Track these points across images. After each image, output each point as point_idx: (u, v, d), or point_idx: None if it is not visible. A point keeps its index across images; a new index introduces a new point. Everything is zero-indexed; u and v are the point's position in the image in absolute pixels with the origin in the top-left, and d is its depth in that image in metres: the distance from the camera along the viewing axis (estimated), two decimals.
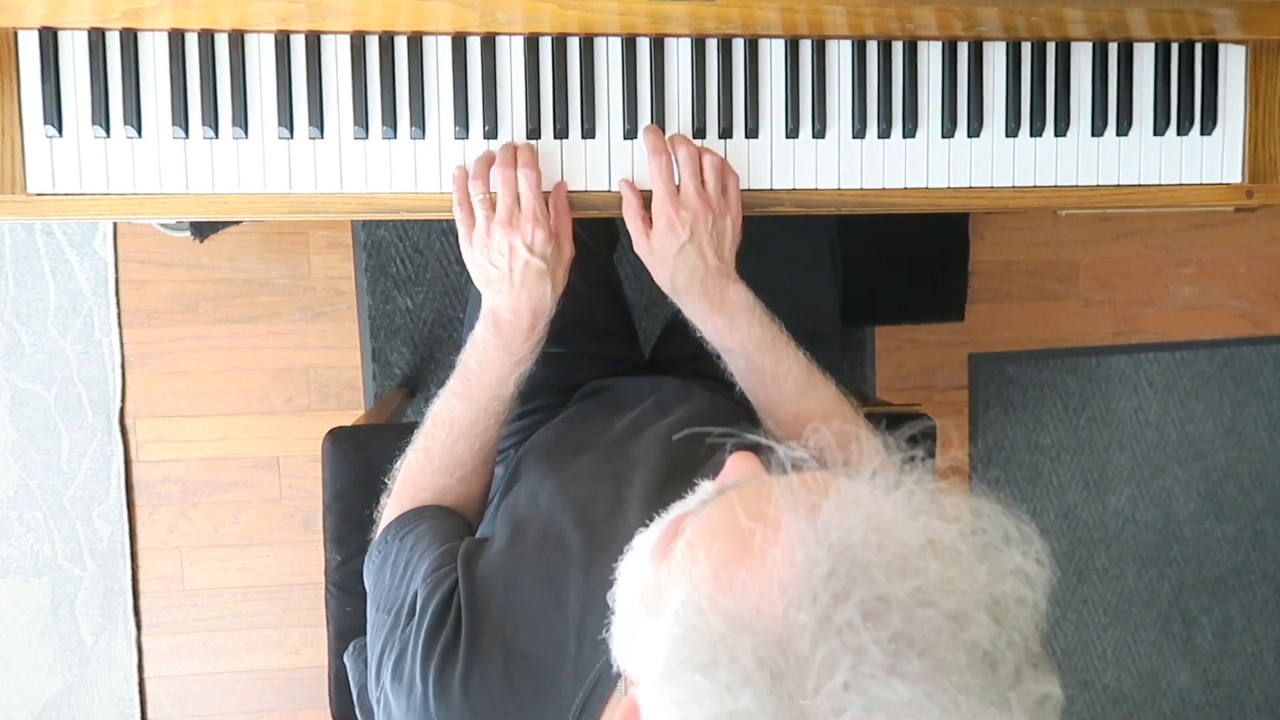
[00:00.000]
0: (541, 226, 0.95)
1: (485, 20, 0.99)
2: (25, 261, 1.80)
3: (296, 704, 1.93)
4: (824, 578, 0.46)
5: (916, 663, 0.44)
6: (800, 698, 0.45)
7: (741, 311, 0.98)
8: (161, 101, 0.99)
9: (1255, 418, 2.16)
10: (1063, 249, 2.06)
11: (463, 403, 0.97)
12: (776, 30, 1.03)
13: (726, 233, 0.98)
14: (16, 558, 1.86)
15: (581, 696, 0.72)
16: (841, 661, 0.44)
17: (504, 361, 0.96)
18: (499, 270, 0.96)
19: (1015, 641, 0.47)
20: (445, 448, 0.97)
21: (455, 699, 0.74)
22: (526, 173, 0.96)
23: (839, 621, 0.45)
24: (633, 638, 0.55)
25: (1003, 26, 1.05)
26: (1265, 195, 1.11)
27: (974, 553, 0.48)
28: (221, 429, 1.87)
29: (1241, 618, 2.20)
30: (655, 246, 0.97)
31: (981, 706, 0.45)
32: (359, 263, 1.85)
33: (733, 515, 0.52)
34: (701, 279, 0.97)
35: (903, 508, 0.49)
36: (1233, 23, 1.07)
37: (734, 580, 0.49)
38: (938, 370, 2.03)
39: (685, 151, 0.98)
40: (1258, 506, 2.18)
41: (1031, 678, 0.47)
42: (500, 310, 0.96)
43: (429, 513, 0.95)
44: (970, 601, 0.47)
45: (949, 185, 1.08)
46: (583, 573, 0.79)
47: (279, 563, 1.90)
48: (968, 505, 0.50)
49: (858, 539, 0.47)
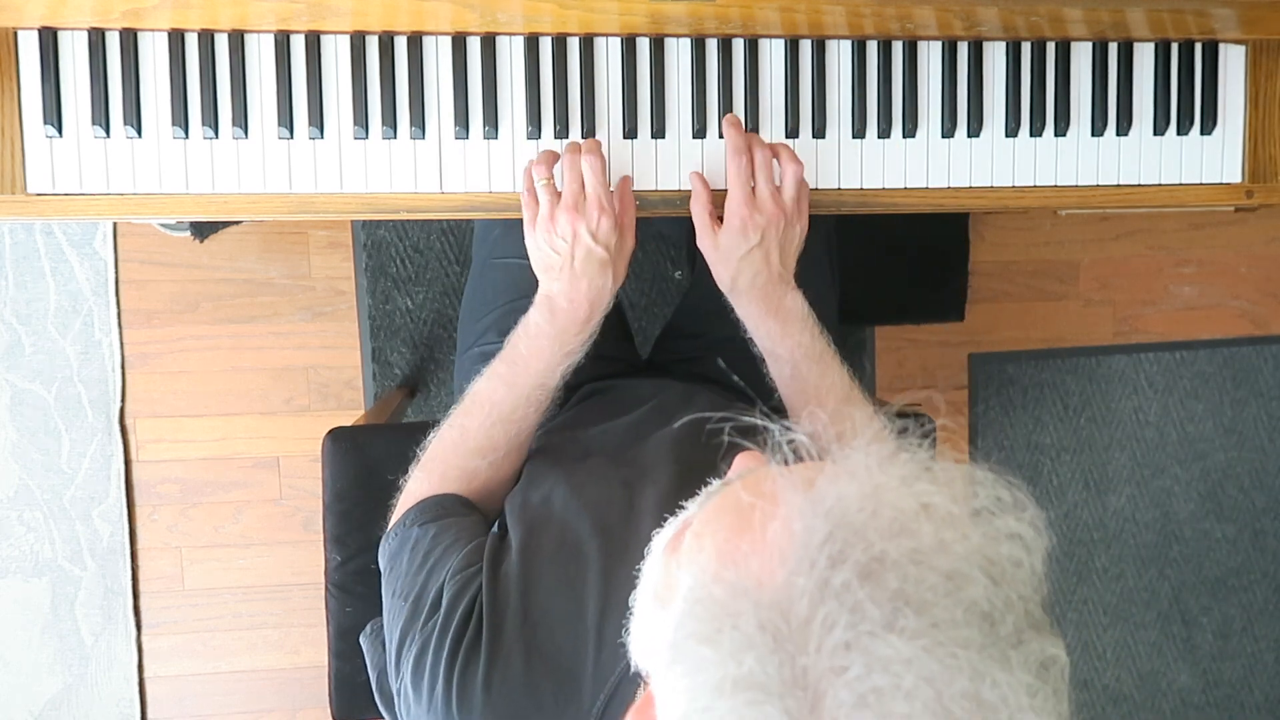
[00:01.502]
0: (607, 214, 0.94)
1: (485, 20, 0.99)
2: (25, 261, 1.80)
3: (296, 704, 1.93)
4: (820, 543, 0.47)
5: (914, 619, 0.45)
6: (801, 657, 0.45)
7: (796, 319, 0.98)
8: (161, 101, 0.99)
9: (1255, 418, 2.16)
10: (1063, 249, 2.06)
11: (506, 387, 0.96)
12: (776, 30, 1.03)
13: (794, 240, 0.98)
14: (16, 558, 1.86)
15: (603, 700, 0.72)
16: (840, 620, 0.45)
17: (554, 351, 0.95)
18: (560, 256, 0.94)
19: (1014, 603, 0.47)
20: (482, 430, 0.96)
21: (476, 701, 0.74)
22: (591, 160, 0.95)
23: (837, 583, 0.46)
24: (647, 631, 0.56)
25: (1003, 26, 1.05)
26: (1265, 195, 1.11)
27: (968, 516, 0.49)
28: (221, 429, 1.87)
29: (1241, 618, 2.20)
30: (723, 244, 0.97)
31: (983, 662, 0.45)
32: (359, 263, 1.85)
33: (734, 499, 0.53)
34: (764, 283, 0.97)
35: (896, 475, 0.50)
36: (1233, 23, 1.07)
37: (736, 554, 0.49)
38: (938, 370, 2.03)
39: (762, 155, 0.98)
40: (1258, 506, 2.18)
41: (1034, 639, 0.47)
42: (558, 298, 0.95)
43: (451, 506, 0.94)
44: (966, 562, 0.47)
45: (949, 185, 1.08)
46: (601, 577, 0.79)
47: (279, 563, 1.90)
48: (962, 472, 0.51)
49: (853, 505, 0.48)
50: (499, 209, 1.04)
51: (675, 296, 1.88)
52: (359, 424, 1.43)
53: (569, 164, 0.96)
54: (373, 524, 1.28)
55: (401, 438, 1.34)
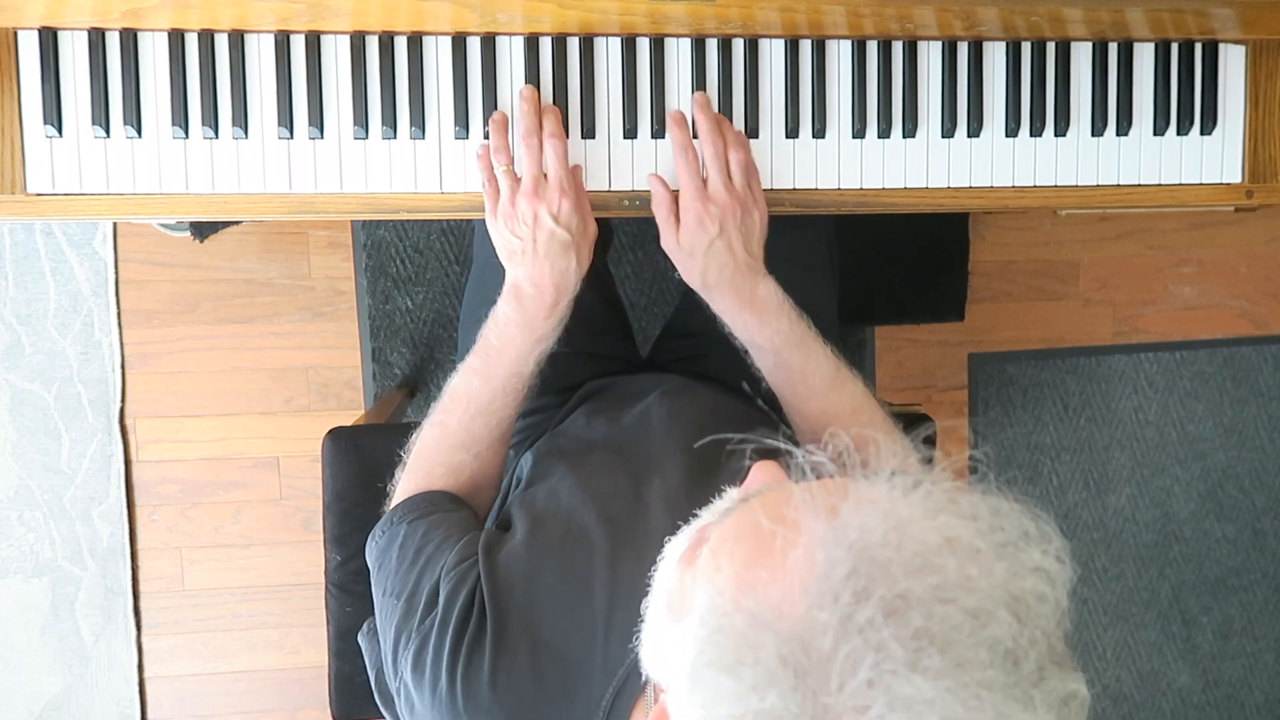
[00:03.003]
0: (568, 197, 0.94)
1: (485, 20, 0.99)
2: (25, 261, 1.80)
3: (296, 704, 1.93)
4: (844, 577, 0.46)
5: (938, 659, 0.45)
6: (824, 695, 0.45)
7: (771, 307, 0.98)
8: (161, 101, 0.99)
9: (1255, 418, 2.16)
10: (1063, 249, 2.06)
11: (481, 379, 0.96)
12: (776, 30, 1.03)
13: (755, 227, 0.98)
14: (16, 558, 1.86)
15: (611, 692, 0.72)
16: (864, 659, 0.45)
17: (525, 339, 0.95)
18: (522, 241, 0.94)
19: (1037, 639, 0.47)
20: (462, 424, 0.96)
21: (483, 695, 0.73)
22: (554, 143, 0.95)
23: (860, 620, 0.45)
24: (660, 644, 0.56)
25: (1003, 26, 1.05)
26: (1265, 195, 1.11)
27: (993, 550, 0.48)
28: (221, 429, 1.87)
29: (1241, 618, 2.20)
30: (684, 242, 0.97)
31: (1005, 703, 0.45)
32: (359, 263, 1.85)
33: (754, 520, 0.52)
34: (731, 274, 0.97)
35: (920, 507, 0.49)
36: (1233, 23, 1.07)
37: (756, 581, 0.49)
38: (938, 370, 2.03)
39: (712, 148, 0.98)
40: (1258, 506, 2.18)
41: (1055, 676, 0.47)
42: (523, 284, 0.95)
43: (440, 501, 0.93)
44: (990, 598, 0.47)
45: (949, 185, 1.08)
46: (608, 566, 0.78)
47: (279, 563, 1.90)
48: (986, 504, 0.50)
49: (876, 538, 0.47)
50: None
51: (675, 296, 1.88)
52: (359, 424, 1.43)
53: (526, 146, 0.96)
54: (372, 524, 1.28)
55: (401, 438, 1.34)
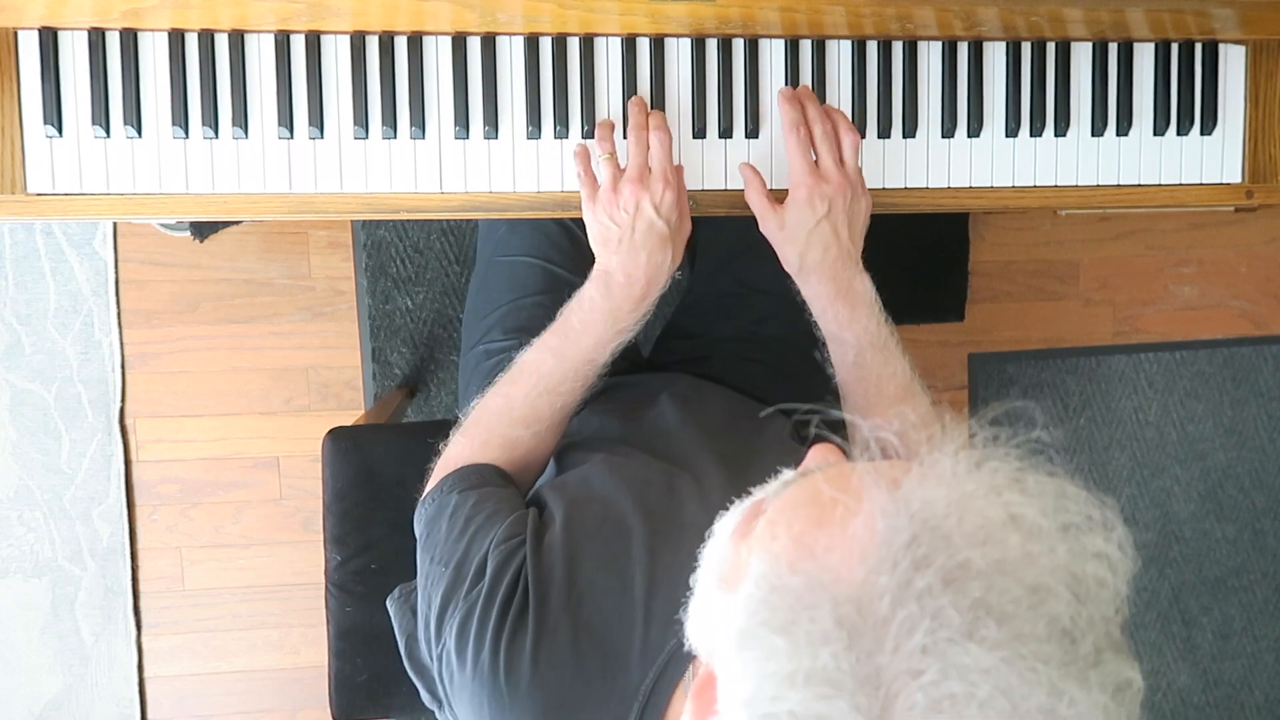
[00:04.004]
0: (672, 188, 0.93)
1: (485, 20, 0.99)
2: (25, 261, 1.80)
3: (296, 704, 1.93)
4: (905, 545, 0.46)
5: (995, 630, 0.44)
6: (878, 657, 0.45)
7: (864, 303, 0.97)
8: (161, 101, 0.99)
9: (1255, 418, 2.16)
10: (1063, 249, 2.06)
11: (555, 358, 0.95)
12: (776, 30, 1.03)
13: (861, 214, 0.97)
14: (16, 558, 1.86)
15: (652, 677, 0.72)
16: (920, 624, 0.45)
17: (607, 327, 0.94)
18: (620, 229, 0.93)
19: (1096, 622, 0.47)
20: (527, 399, 0.95)
21: (524, 675, 0.73)
22: (660, 135, 0.95)
23: (919, 586, 0.45)
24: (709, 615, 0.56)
25: (1003, 26, 1.05)
26: (1265, 195, 1.11)
27: (1056, 530, 0.48)
28: (221, 429, 1.87)
29: (1241, 618, 2.20)
30: (789, 221, 0.95)
31: (1061, 679, 0.45)
32: (359, 263, 1.85)
33: (815, 491, 0.52)
34: (834, 259, 0.95)
35: (985, 483, 0.49)
36: (1233, 23, 1.07)
37: (815, 546, 0.49)
38: (938, 370, 2.03)
39: (823, 127, 0.96)
40: (1258, 506, 2.18)
41: (1112, 661, 0.47)
42: (615, 272, 0.94)
43: (490, 476, 0.93)
44: (1051, 576, 0.46)
45: (949, 185, 1.08)
46: (647, 554, 0.78)
47: (279, 563, 1.90)
48: (1052, 485, 0.50)
49: (939, 509, 0.47)
50: (499, 209, 1.04)
51: (675, 296, 1.87)
52: (359, 424, 1.43)
53: (634, 137, 0.95)
54: (373, 524, 1.28)
55: (401, 438, 1.34)
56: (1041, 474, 0.50)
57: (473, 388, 1.18)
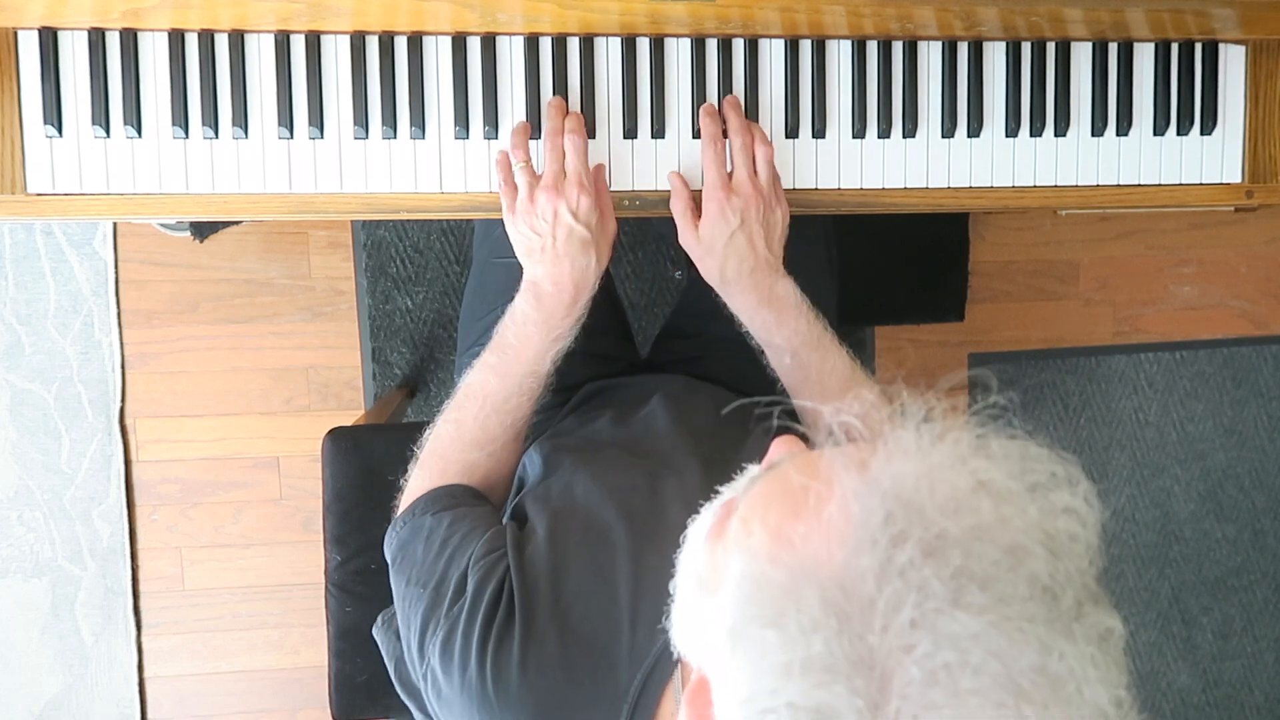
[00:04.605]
0: (587, 193, 0.94)
1: (485, 20, 0.99)
2: (25, 261, 1.80)
3: (296, 704, 1.93)
4: (881, 523, 0.47)
5: (980, 595, 0.45)
6: (869, 637, 0.45)
7: (790, 306, 0.97)
8: (161, 101, 0.99)
9: (1255, 418, 2.16)
10: (1063, 249, 2.06)
11: (497, 377, 0.96)
12: (776, 30, 1.03)
13: (777, 225, 0.98)
14: (16, 558, 1.86)
15: (640, 678, 0.72)
16: (906, 599, 0.45)
17: (542, 337, 0.95)
18: (541, 238, 0.94)
19: (1073, 575, 0.48)
20: (477, 422, 0.95)
21: (513, 682, 0.74)
22: (574, 139, 0.95)
23: (900, 562, 0.46)
24: (693, 620, 0.56)
25: (1003, 26, 1.05)
26: (1265, 195, 1.11)
27: (1025, 491, 0.49)
28: (221, 429, 1.87)
29: (1241, 618, 2.20)
30: (704, 235, 0.97)
31: (1049, 635, 0.45)
32: (359, 263, 1.85)
33: (784, 481, 0.53)
34: (751, 269, 0.96)
35: (950, 453, 0.50)
36: (1233, 23, 1.07)
37: (792, 537, 0.49)
38: (938, 370, 2.03)
39: (740, 140, 0.98)
40: (1258, 506, 2.18)
41: (1093, 612, 0.48)
42: (542, 282, 0.95)
43: (462, 495, 0.93)
44: (1026, 536, 0.47)
45: (949, 185, 1.08)
46: (631, 561, 0.79)
47: (279, 563, 1.90)
48: (1015, 447, 0.51)
49: (909, 484, 0.48)
50: (499, 209, 1.04)
51: (675, 296, 1.88)
52: (359, 424, 1.43)
53: (550, 144, 0.96)
54: (373, 524, 1.28)
55: (401, 438, 1.34)
56: (1003, 438, 0.51)
57: None
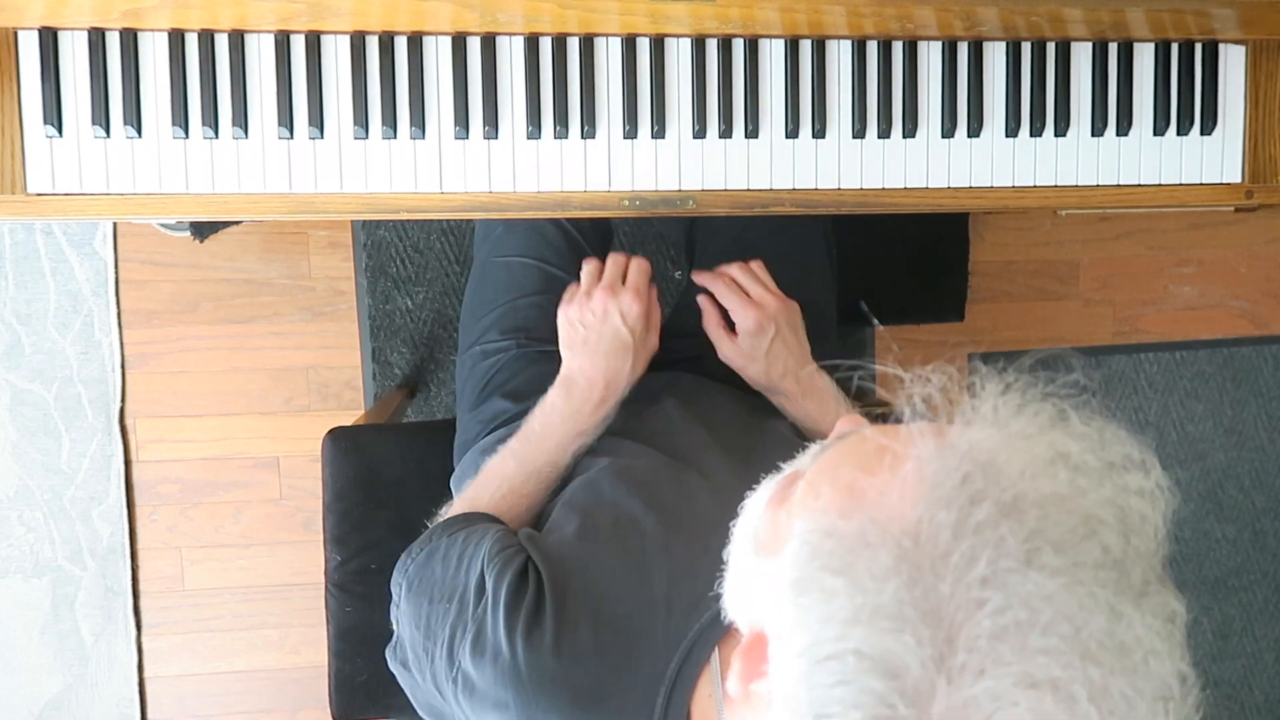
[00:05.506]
0: (640, 302, 1.01)
1: (485, 20, 0.99)
2: (25, 261, 1.80)
3: (296, 704, 1.93)
4: (958, 483, 0.48)
5: (1054, 557, 0.46)
6: (940, 588, 0.46)
7: (829, 393, 1.06)
8: (161, 101, 0.99)
9: (1255, 418, 2.16)
10: (1063, 249, 2.06)
11: (517, 462, 0.98)
12: (776, 30, 1.03)
13: (797, 320, 1.07)
14: (16, 558, 1.86)
15: (677, 661, 0.73)
16: (981, 555, 0.46)
17: (567, 430, 0.98)
18: (586, 330, 1.00)
19: (1142, 553, 0.48)
20: (491, 502, 0.97)
21: (548, 663, 0.75)
22: (640, 261, 1.04)
23: (977, 519, 0.47)
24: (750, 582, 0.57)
25: (1003, 26, 1.05)
26: (1265, 195, 1.11)
27: (1102, 468, 0.50)
28: (221, 429, 1.87)
29: (1241, 618, 2.20)
30: (745, 347, 1.05)
31: (1119, 602, 0.46)
32: (359, 263, 1.85)
33: (858, 444, 0.54)
34: (794, 366, 1.06)
35: (1030, 424, 0.51)
36: (1233, 23, 1.07)
37: (866, 493, 0.50)
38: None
39: (738, 269, 1.07)
40: (1258, 506, 2.18)
41: (1159, 591, 0.49)
42: (576, 375, 1.00)
43: (476, 518, 0.95)
44: (1101, 508, 0.48)
45: (949, 185, 1.08)
46: (662, 551, 0.81)
47: (279, 563, 1.90)
48: (1094, 426, 0.51)
49: (988, 449, 0.49)
50: (499, 209, 1.04)
51: (675, 296, 1.88)
52: (359, 424, 1.43)
53: (614, 259, 1.03)
54: (373, 524, 1.28)
55: (401, 438, 1.35)
56: (1082, 416, 0.52)
57: (469, 388, 1.18)
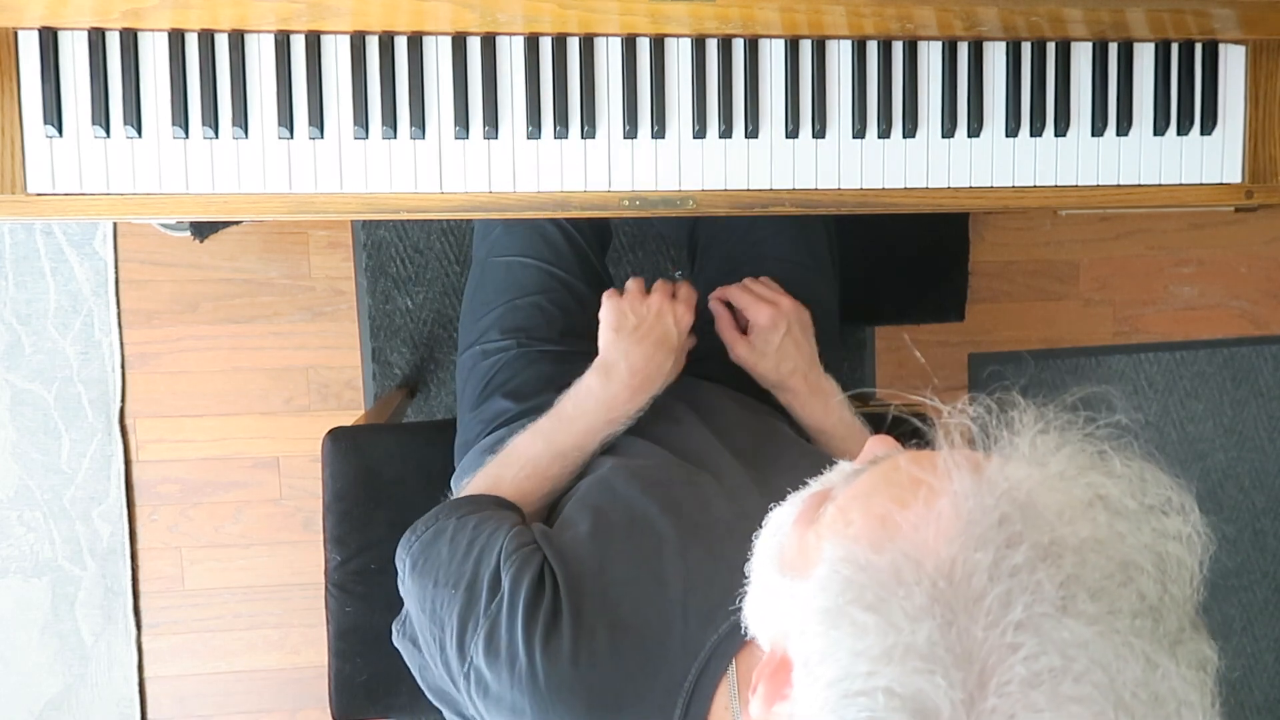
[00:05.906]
0: (690, 316, 1.05)
1: (485, 20, 0.99)
2: (25, 261, 1.80)
3: (296, 704, 1.93)
4: (996, 523, 0.47)
5: (1090, 604, 0.45)
6: (974, 631, 0.46)
7: (835, 395, 1.09)
8: (161, 101, 0.99)
9: (1255, 418, 2.16)
10: (1063, 249, 2.06)
11: (545, 443, 0.98)
12: (776, 30, 1.03)
13: (808, 324, 1.10)
14: (16, 558, 1.86)
15: (695, 671, 0.73)
16: (1017, 600, 0.45)
17: (599, 416, 0.99)
18: (638, 319, 1.02)
19: (1178, 600, 0.48)
20: (514, 481, 0.97)
21: (565, 672, 0.74)
22: (686, 289, 1.08)
23: (1014, 562, 0.46)
24: (774, 602, 0.56)
25: (1003, 26, 1.05)
26: (1265, 195, 1.11)
27: (1141, 512, 0.49)
28: (221, 429, 1.87)
29: (1241, 618, 2.20)
30: (758, 344, 1.08)
31: (1155, 652, 0.46)
32: (359, 263, 1.85)
33: (892, 474, 0.53)
34: (804, 364, 1.08)
35: (1069, 464, 0.50)
36: (1233, 23, 1.07)
37: (901, 526, 0.50)
38: (938, 370, 2.03)
39: (751, 280, 1.12)
40: (1258, 506, 2.18)
41: (1193, 639, 0.48)
42: (619, 360, 1.00)
43: (486, 503, 0.94)
44: (1139, 554, 0.48)
45: (949, 185, 1.08)
46: (679, 555, 0.80)
47: (279, 563, 1.90)
48: (1133, 467, 0.51)
49: (1026, 489, 0.48)
50: (499, 209, 1.04)
51: None
52: (359, 424, 1.43)
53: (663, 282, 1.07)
54: (373, 524, 1.28)
55: (401, 438, 1.34)
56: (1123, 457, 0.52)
57: (470, 388, 1.18)
